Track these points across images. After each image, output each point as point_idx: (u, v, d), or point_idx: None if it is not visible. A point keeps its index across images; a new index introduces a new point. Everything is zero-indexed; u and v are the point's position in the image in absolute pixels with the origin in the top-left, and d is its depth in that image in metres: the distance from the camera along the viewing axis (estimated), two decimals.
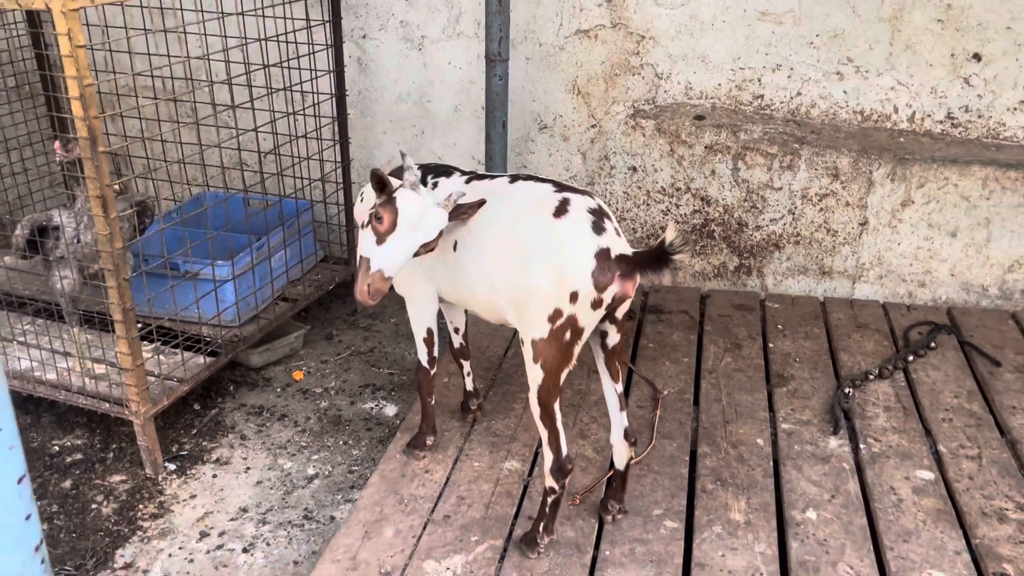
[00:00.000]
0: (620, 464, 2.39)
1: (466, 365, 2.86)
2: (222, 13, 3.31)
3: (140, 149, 3.97)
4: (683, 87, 3.80)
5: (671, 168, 3.85)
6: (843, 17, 3.56)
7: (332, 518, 2.80)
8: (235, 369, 3.60)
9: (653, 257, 2.00)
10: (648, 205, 3.94)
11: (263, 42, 3.44)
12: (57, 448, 3.15)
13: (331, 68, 3.67)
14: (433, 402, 2.70)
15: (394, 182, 2.14)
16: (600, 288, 2.06)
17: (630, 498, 2.50)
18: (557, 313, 2.08)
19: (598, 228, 2.08)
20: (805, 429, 2.82)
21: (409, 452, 2.72)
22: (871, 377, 3.07)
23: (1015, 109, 3.54)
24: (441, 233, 2.19)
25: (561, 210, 2.10)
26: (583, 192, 2.19)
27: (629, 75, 3.81)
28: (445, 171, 2.47)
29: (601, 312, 2.11)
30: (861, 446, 2.72)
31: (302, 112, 3.68)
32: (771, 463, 2.66)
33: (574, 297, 2.06)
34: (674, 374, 3.15)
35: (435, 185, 2.42)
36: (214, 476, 3.01)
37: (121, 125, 4.16)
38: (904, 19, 3.51)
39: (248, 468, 3.04)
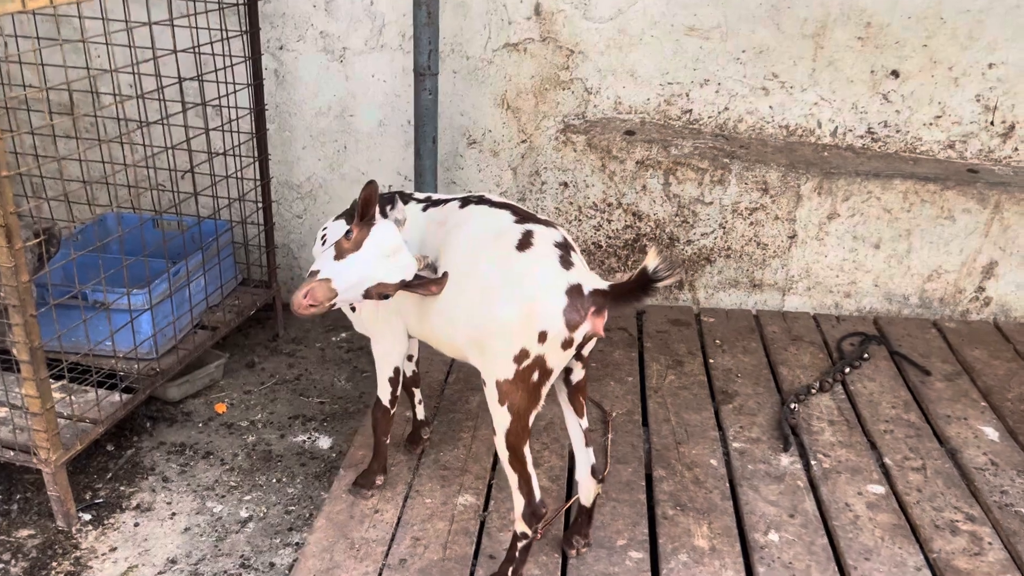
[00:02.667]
0: (587, 501, 2.30)
1: (417, 393, 2.73)
2: (128, 22, 3.07)
3: (35, 168, 3.65)
4: (612, 102, 3.77)
5: (603, 183, 3.81)
6: (768, 33, 3.61)
7: (272, 565, 2.61)
8: (151, 404, 3.34)
9: (634, 288, 1.88)
10: (580, 221, 3.89)
11: (175, 54, 3.21)
12: None
13: (249, 82, 3.47)
14: (388, 441, 2.55)
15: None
16: (572, 327, 1.95)
17: (591, 529, 2.42)
18: (524, 353, 1.96)
19: (566, 262, 1.98)
20: (756, 447, 2.82)
21: (356, 491, 2.57)
22: (813, 391, 3.10)
23: (931, 124, 3.66)
24: (402, 284, 2.04)
25: (525, 243, 1.99)
26: (546, 223, 2.09)
27: (559, 89, 3.75)
28: (402, 197, 2.34)
29: (572, 352, 2.02)
30: (812, 462, 2.73)
31: (218, 129, 3.46)
32: (727, 484, 2.64)
33: (543, 337, 1.94)
34: (620, 394, 3.10)
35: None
36: (136, 525, 2.77)
37: (13, 143, 3.81)
38: (826, 36, 3.58)
39: (174, 514, 2.82)
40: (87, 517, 2.79)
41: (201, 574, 2.56)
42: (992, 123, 3.62)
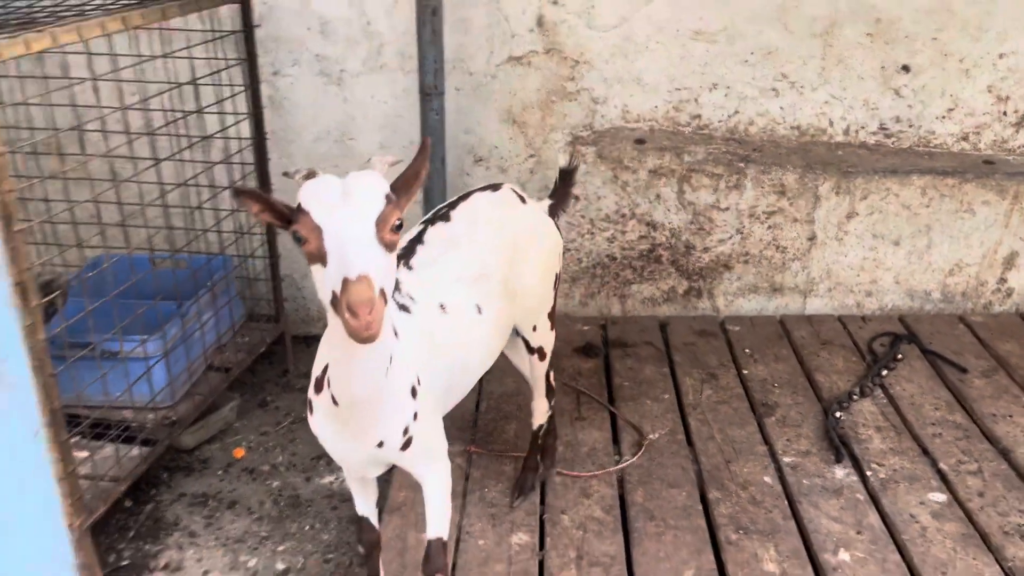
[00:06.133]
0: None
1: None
2: (114, 54, 2.94)
3: (23, 209, 3.48)
4: (620, 111, 3.69)
5: (615, 195, 3.73)
6: (776, 34, 3.55)
7: None
8: (165, 454, 3.18)
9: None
10: (592, 234, 3.80)
11: (171, 89, 3.07)
12: None
13: (248, 111, 3.33)
14: None
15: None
16: None
17: (655, 560, 2.33)
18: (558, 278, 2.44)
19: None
20: (807, 460, 2.74)
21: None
22: (855, 398, 3.03)
23: (943, 117, 3.62)
24: (393, 198, 1.52)
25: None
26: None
27: (565, 101, 3.66)
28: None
29: None
30: (867, 472, 2.66)
31: (222, 163, 3.32)
32: (786, 502, 2.56)
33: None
34: (659, 413, 3.01)
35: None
36: None
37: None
38: (835, 34, 3.53)
39: (206, 571, 2.67)
40: None
41: None
42: (1005, 113, 3.60)
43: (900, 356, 3.28)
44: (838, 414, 2.91)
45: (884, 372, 3.17)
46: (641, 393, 3.13)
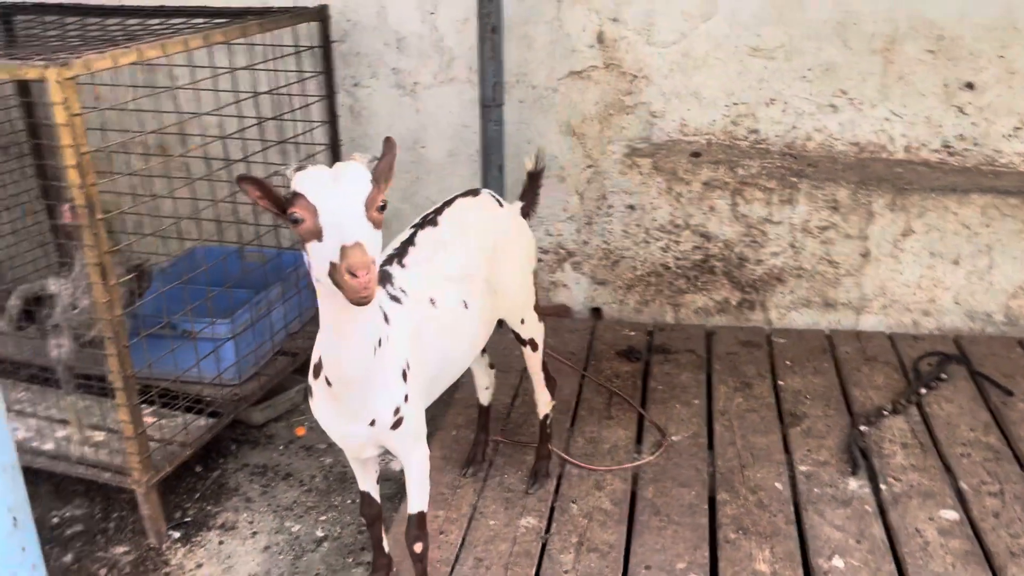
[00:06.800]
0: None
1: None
2: (213, 67, 3.30)
3: (128, 206, 3.92)
4: (677, 124, 3.79)
5: (669, 205, 3.83)
6: (835, 51, 3.57)
7: None
8: (236, 427, 3.52)
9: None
10: (647, 243, 3.91)
11: (256, 96, 3.41)
12: (56, 520, 3.05)
13: (326, 119, 3.64)
14: None
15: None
16: None
17: (652, 552, 2.44)
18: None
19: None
20: (823, 470, 2.78)
21: None
22: (885, 413, 3.03)
23: (1010, 136, 3.55)
24: (376, 183, 1.73)
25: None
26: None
27: (623, 114, 3.80)
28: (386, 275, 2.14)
29: None
30: (882, 486, 2.68)
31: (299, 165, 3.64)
32: (792, 508, 2.61)
33: None
34: (686, 417, 3.10)
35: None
36: (220, 543, 2.92)
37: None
38: (896, 51, 3.53)
39: (255, 532, 2.97)
40: (176, 535, 2.96)
41: None
42: None
43: (944, 376, 3.24)
44: (863, 428, 2.93)
45: (923, 391, 3.14)
46: (673, 397, 3.23)
